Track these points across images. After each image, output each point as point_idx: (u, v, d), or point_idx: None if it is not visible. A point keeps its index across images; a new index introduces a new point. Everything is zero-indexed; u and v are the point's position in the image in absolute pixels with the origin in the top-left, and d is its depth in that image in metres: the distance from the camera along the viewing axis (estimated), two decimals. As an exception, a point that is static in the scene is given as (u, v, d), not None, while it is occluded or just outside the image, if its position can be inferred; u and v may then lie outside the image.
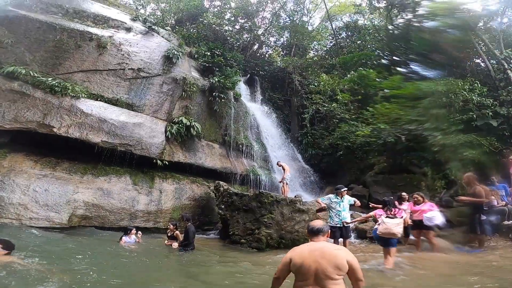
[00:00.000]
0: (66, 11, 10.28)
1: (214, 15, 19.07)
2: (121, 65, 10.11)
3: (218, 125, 12.15)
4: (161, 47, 11.60)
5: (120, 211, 8.61)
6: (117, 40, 10.41)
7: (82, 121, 8.35)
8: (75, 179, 8.26)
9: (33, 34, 8.98)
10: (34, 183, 7.60)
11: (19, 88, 7.95)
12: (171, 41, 12.58)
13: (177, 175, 10.13)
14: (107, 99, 9.35)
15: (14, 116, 7.47)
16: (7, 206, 7.17)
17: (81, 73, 9.36)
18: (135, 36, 11.20)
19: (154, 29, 12.07)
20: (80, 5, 10.84)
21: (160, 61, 11.12)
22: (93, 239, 7.03)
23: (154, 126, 9.75)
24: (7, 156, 7.53)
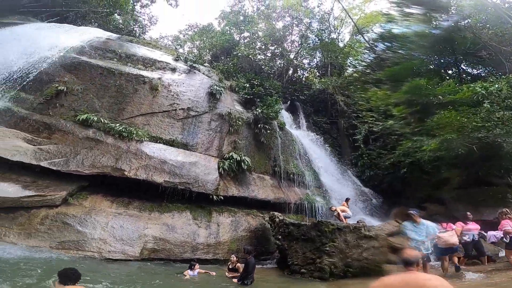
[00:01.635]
0: (120, 56, 11.49)
1: (246, 46, 19.87)
2: (173, 106, 10.87)
3: (266, 157, 12.10)
4: (204, 84, 12.23)
5: (183, 244, 8.83)
6: (166, 81, 11.25)
7: (147, 164, 9.05)
8: (144, 216, 8.80)
9: (97, 80, 10.05)
10: (111, 220, 8.26)
11: (94, 136, 8.95)
12: (211, 77, 13.24)
13: (232, 209, 10.13)
14: (165, 140, 10.06)
15: (91, 162, 8.41)
16: (89, 241, 7.81)
17: (141, 117, 10.27)
18: (180, 75, 12.01)
19: (195, 67, 12.84)
20: (129, 50, 12.14)
21: (205, 98, 11.68)
22: (161, 271, 7.30)
23: (208, 163, 10.10)
24: (88, 198, 8.41)
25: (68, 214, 7.81)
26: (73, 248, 7.42)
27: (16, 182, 7.25)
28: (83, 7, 16.39)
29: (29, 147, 7.58)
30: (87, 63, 10.46)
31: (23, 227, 7.15)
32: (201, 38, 26.26)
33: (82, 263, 6.66)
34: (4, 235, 6.89)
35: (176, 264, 8.30)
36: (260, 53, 19.78)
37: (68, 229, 7.59)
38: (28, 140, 7.72)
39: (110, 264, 7.20)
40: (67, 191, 7.88)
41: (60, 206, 7.75)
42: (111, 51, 11.75)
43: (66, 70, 9.87)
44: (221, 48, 22.36)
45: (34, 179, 7.54)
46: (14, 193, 7.04)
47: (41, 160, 7.56)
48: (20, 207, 7.17)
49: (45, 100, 8.82)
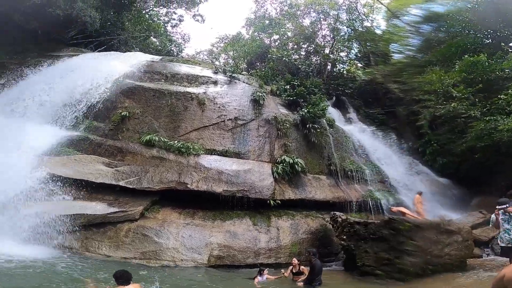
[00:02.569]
0: (166, 76, 12.38)
1: (278, 49, 19.95)
2: (221, 118, 11.43)
3: (320, 156, 12.08)
4: (246, 92, 12.62)
5: (245, 250, 9.25)
6: (211, 94, 11.85)
7: (206, 175, 9.71)
8: (208, 224, 9.44)
9: (152, 102, 10.98)
10: (181, 230, 9.01)
11: (157, 154, 9.85)
12: (251, 84, 13.62)
13: (291, 212, 10.34)
14: (219, 151, 10.66)
15: (159, 179, 9.30)
16: (165, 251, 8.58)
17: (195, 132, 10.97)
18: (222, 87, 12.56)
19: (234, 76, 13.33)
20: (172, 69, 13.03)
21: (249, 105, 12.10)
22: (228, 276, 7.77)
23: (261, 169, 10.47)
24: (160, 211, 9.29)
25: (146, 226, 8.72)
26: (152, 258, 8.22)
27: (102, 200, 8.33)
28: (122, 34, 18.04)
29: (108, 169, 8.66)
30: (141, 87, 11.53)
31: (112, 240, 8.16)
32: (233, 48, 27.28)
33: (160, 271, 7.34)
34: (98, 248, 7.94)
35: (241, 269, 8.75)
36: (293, 53, 19.81)
37: (148, 240, 8.47)
38: (106, 164, 8.83)
39: (182, 271, 7.84)
40: (143, 206, 8.82)
41: (139, 220, 8.71)
42: (157, 72, 12.77)
43: (125, 95, 11.01)
44: (254, 54, 22.88)
45: (116, 197, 8.59)
46: (102, 211, 8.11)
47: (119, 180, 8.58)
48: (107, 222, 8.22)
49: (113, 126, 10.02)
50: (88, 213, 7.87)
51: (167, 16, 25.85)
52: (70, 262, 6.70)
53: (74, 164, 8.33)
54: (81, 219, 7.81)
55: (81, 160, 8.58)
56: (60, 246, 7.54)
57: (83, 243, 7.78)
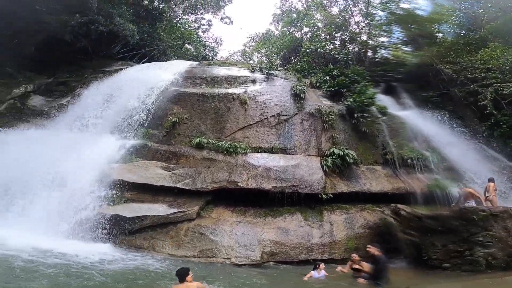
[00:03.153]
0: (206, 80, 12.84)
1: (310, 41, 19.49)
2: (263, 115, 11.58)
3: (373, 146, 11.62)
4: (285, 87, 12.60)
5: (298, 246, 9.26)
6: (251, 93, 12.05)
7: (255, 173, 9.93)
8: (260, 222, 9.64)
9: (197, 106, 11.51)
10: (234, 228, 9.33)
11: (208, 155, 10.34)
12: (289, 79, 13.53)
13: (344, 206, 10.10)
14: (265, 149, 10.82)
15: (211, 179, 9.77)
16: (220, 248, 8.93)
17: (240, 131, 11.27)
18: (261, 85, 12.69)
19: (271, 73, 13.37)
20: (211, 72, 13.44)
21: (290, 100, 12.06)
22: (283, 273, 7.90)
23: (310, 163, 10.39)
24: (213, 210, 9.76)
25: (202, 225, 9.21)
26: (209, 256, 8.63)
27: (163, 202, 9.01)
28: (160, 44, 19.20)
29: (166, 173, 9.34)
30: (185, 93, 12.15)
31: (174, 239, 8.77)
32: (265, 46, 27.49)
33: (217, 269, 7.68)
34: (162, 247, 8.60)
35: (293, 265, 8.78)
36: (327, 43, 19.24)
37: (205, 239, 8.92)
38: (164, 167, 9.54)
39: (237, 268, 8.12)
40: (198, 205, 9.35)
41: (196, 219, 9.24)
42: (198, 77, 13.32)
43: (172, 102, 11.71)
44: (287, 49, 22.81)
45: (175, 199, 9.23)
46: (163, 212, 8.77)
47: (176, 183, 9.21)
48: (169, 222, 8.83)
49: (166, 132, 10.79)
50: (153, 214, 8.58)
51: (196, 22, 26.99)
52: (149, 261, 7.33)
53: (137, 170, 9.16)
54: (147, 220, 8.55)
55: (143, 165, 9.38)
56: (130, 245, 8.32)
57: (151, 243, 8.49)
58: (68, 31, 13.15)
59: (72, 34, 13.36)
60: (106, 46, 15.60)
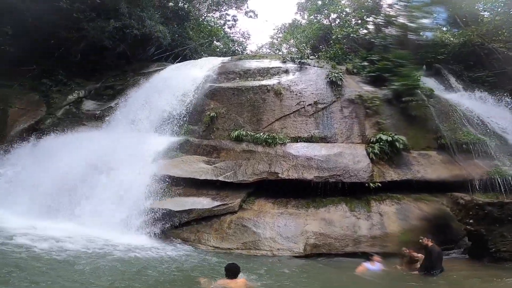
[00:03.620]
0: (239, 74, 12.88)
1: (340, 27, 18.66)
2: (300, 104, 11.40)
3: (424, 130, 10.84)
4: (319, 75, 12.27)
5: (343, 238, 8.90)
6: (285, 83, 11.91)
7: (295, 163, 9.76)
8: (302, 213, 9.46)
9: (233, 100, 11.66)
10: (276, 220, 9.26)
11: (247, 148, 10.40)
12: (323, 66, 13.17)
13: (395, 195, 9.51)
14: (304, 138, 10.64)
15: (252, 171, 9.79)
16: (262, 241, 8.90)
17: (277, 122, 11.20)
18: (294, 75, 12.48)
19: (304, 62, 13.14)
20: (243, 66, 13.44)
21: (327, 88, 11.71)
22: (328, 266, 7.65)
23: (354, 151, 9.95)
24: (255, 202, 9.79)
25: (244, 218, 9.27)
26: (252, 248, 8.63)
27: (207, 195, 9.25)
28: (190, 43, 19.70)
29: (208, 167, 9.57)
30: (220, 88, 12.32)
31: (218, 232, 8.94)
32: (293, 36, 26.98)
33: (260, 261, 7.62)
34: (207, 240, 8.80)
35: (338, 258, 8.45)
36: (359, 28, 18.24)
37: (247, 231, 8.95)
38: (206, 162, 9.78)
39: (280, 261, 8.01)
40: (240, 198, 9.44)
41: (238, 212, 9.33)
42: (231, 72, 13.43)
43: (208, 98, 11.94)
44: (316, 38, 22.17)
45: (217, 192, 9.43)
46: (207, 205, 8.99)
47: (218, 176, 9.39)
48: (213, 215, 9.02)
49: (205, 127, 11.10)
50: (198, 208, 8.85)
51: (221, 19, 27.34)
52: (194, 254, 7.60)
53: (182, 165, 9.52)
54: (193, 213, 8.83)
55: (187, 160, 9.72)
56: (178, 238, 8.66)
57: (197, 236, 8.73)
58: (106, 37, 14.04)
59: (110, 40, 14.24)
60: (142, 49, 16.42)
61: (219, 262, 6.75)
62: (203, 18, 24.94)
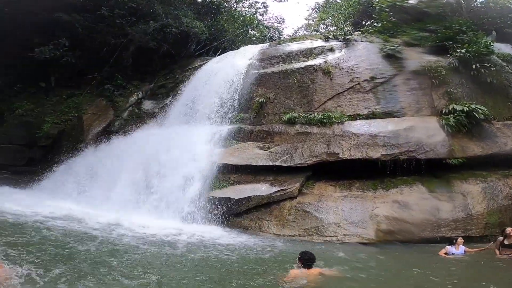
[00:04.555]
0: (281, 58, 12.43)
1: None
2: (354, 81, 10.66)
3: (506, 98, 9.61)
4: (371, 50, 11.44)
5: (421, 222, 8.08)
6: (333, 62, 11.29)
7: (357, 142, 9.12)
8: (369, 195, 8.80)
9: (279, 84, 11.31)
10: (340, 204, 8.73)
11: (301, 130, 9.97)
12: (372, 41, 12.24)
13: (479, 172, 8.45)
14: (363, 115, 9.93)
15: (309, 153, 9.36)
16: (326, 226, 8.46)
17: (330, 101, 10.57)
18: (341, 52, 11.78)
19: (349, 38, 12.35)
20: (284, 50, 12.94)
21: (383, 62, 10.84)
22: (404, 251, 7.00)
23: (426, 124, 9.02)
24: (314, 186, 9.36)
25: (305, 202, 8.91)
26: (315, 234, 8.28)
27: (264, 182, 9.08)
28: (227, 35, 19.71)
29: (263, 152, 9.40)
30: (265, 73, 12.08)
31: (278, 219, 8.72)
32: (329, 15, 25.53)
33: (325, 248, 7.25)
34: (268, 227, 8.62)
35: (412, 244, 7.71)
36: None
37: (309, 217, 8.59)
38: (260, 147, 9.64)
39: (346, 247, 7.48)
40: (299, 182, 9.10)
41: (298, 197, 9.00)
42: (273, 56, 13.06)
43: (255, 85, 11.78)
44: (355, 13, 20.61)
45: (275, 177, 9.21)
46: (266, 191, 8.81)
47: (274, 161, 9.17)
48: (272, 202, 8.81)
49: (255, 113, 10.99)
50: (257, 195, 8.70)
51: (252, 7, 26.87)
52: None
53: (237, 152, 9.49)
54: (253, 200, 8.71)
55: (242, 148, 9.68)
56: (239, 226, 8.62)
57: (257, 223, 8.60)
58: (149, 39, 14.66)
59: (154, 41, 14.85)
60: (183, 46, 16.86)
61: (284, 251, 6.55)
62: (233, 9, 24.90)
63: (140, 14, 14.98)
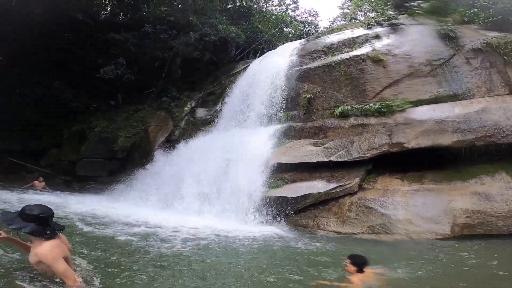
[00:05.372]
0: (323, 51, 11.94)
1: None
2: (412, 67, 9.92)
3: None
4: (422, 32, 10.74)
5: (505, 214, 7.18)
6: (381, 49, 10.57)
7: (423, 129, 8.43)
8: (443, 188, 8.05)
9: (326, 78, 10.89)
10: (410, 199, 8.11)
11: (356, 122, 9.54)
12: (423, 23, 11.40)
13: None
14: (426, 100, 9.16)
15: (368, 146, 8.89)
16: (395, 223, 7.88)
17: (386, 90, 9.98)
18: (388, 38, 11.04)
19: (395, 23, 11.61)
20: (324, 42, 12.43)
21: (438, 43, 10.03)
22: (487, 248, 6.31)
23: (503, 104, 8.03)
24: (377, 180, 8.82)
25: (367, 198, 8.45)
26: (381, 232, 7.77)
27: (320, 178, 8.85)
28: (263, 36, 19.80)
29: (317, 148, 9.20)
30: (308, 69, 11.83)
31: (337, 216, 8.40)
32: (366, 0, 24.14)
33: (393, 247, 6.85)
34: (327, 225, 8.35)
35: (494, 239, 6.94)
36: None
37: (372, 213, 8.11)
38: (313, 144, 9.44)
39: (420, 245, 6.91)
40: (358, 177, 8.69)
41: (358, 193, 8.58)
42: (313, 51, 12.72)
43: (299, 81, 11.59)
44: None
45: (331, 173, 8.94)
46: (323, 188, 8.57)
47: (330, 156, 8.91)
48: (330, 198, 8.54)
49: (304, 110, 10.84)
50: (314, 192, 8.48)
51: (281, 5, 26.50)
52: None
53: (290, 151, 9.43)
54: (309, 198, 8.52)
55: (294, 146, 9.60)
56: (296, 224, 8.50)
57: (315, 221, 8.39)
58: (192, 49, 15.45)
59: (196, 51, 15.63)
60: (224, 53, 17.48)
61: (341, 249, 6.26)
62: (264, 9, 25.00)
63: (179, 27, 15.98)
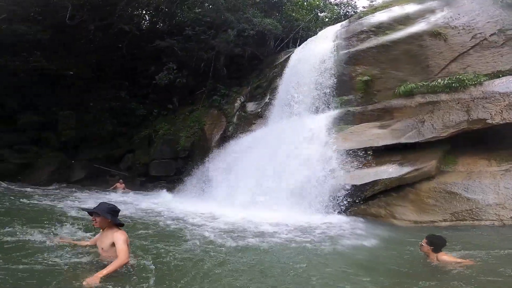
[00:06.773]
0: (371, 31, 11.16)
1: None
2: (476, 37, 9.12)
3: None
4: (480, 1, 9.97)
5: None
6: (440, 23, 9.81)
7: (508, 102, 7.59)
8: (540, 165, 6.93)
9: (381, 58, 10.26)
10: (501, 181, 7.32)
11: (424, 100, 8.79)
12: None
13: None
14: (505, 72, 8.29)
15: (442, 124, 8.14)
16: (484, 208, 7.13)
17: (453, 64, 9.14)
18: (443, 11, 10.22)
19: None
20: (369, 22, 11.58)
21: (505, 12, 9.27)
22: None
23: None
24: (457, 161, 8.03)
25: (447, 182, 7.74)
26: (467, 218, 7.11)
27: (391, 162, 8.26)
28: (299, 24, 19.29)
29: (383, 131, 8.65)
30: (359, 51, 11.12)
31: (415, 203, 7.79)
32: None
33: (483, 233, 6.34)
34: (403, 214, 7.74)
35: None
36: None
37: (456, 198, 7.39)
38: (378, 126, 8.90)
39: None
40: (435, 159, 8.01)
41: (436, 176, 7.83)
42: (359, 32, 11.95)
43: (351, 64, 10.97)
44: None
45: (402, 156, 8.32)
46: (395, 173, 7.96)
47: (399, 138, 8.34)
48: (404, 184, 7.89)
49: (361, 93, 10.26)
50: (384, 178, 7.91)
51: None
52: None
53: (352, 137, 8.98)
54: (378, 185, 7.97)
55: (355, 131, 9.13)
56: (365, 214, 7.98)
57: (388, 210, 7.83)
58: (233, 46, 15.57)
59: (237, 47, 15.72)
60: (263, 45, 17.34)
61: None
62: (294, -5, 24.22)
63: (216, 25, 16.21)
